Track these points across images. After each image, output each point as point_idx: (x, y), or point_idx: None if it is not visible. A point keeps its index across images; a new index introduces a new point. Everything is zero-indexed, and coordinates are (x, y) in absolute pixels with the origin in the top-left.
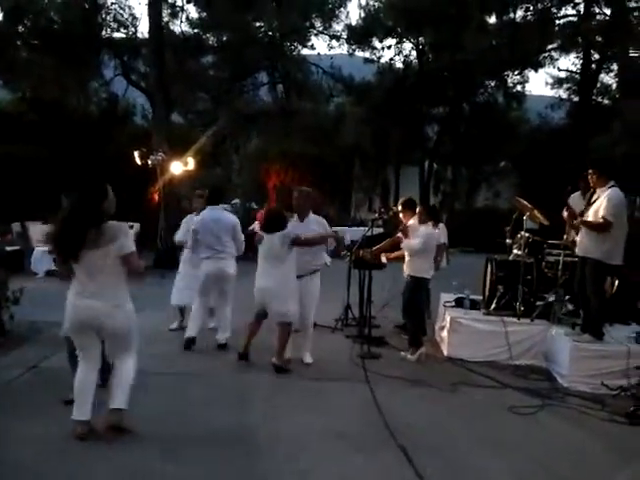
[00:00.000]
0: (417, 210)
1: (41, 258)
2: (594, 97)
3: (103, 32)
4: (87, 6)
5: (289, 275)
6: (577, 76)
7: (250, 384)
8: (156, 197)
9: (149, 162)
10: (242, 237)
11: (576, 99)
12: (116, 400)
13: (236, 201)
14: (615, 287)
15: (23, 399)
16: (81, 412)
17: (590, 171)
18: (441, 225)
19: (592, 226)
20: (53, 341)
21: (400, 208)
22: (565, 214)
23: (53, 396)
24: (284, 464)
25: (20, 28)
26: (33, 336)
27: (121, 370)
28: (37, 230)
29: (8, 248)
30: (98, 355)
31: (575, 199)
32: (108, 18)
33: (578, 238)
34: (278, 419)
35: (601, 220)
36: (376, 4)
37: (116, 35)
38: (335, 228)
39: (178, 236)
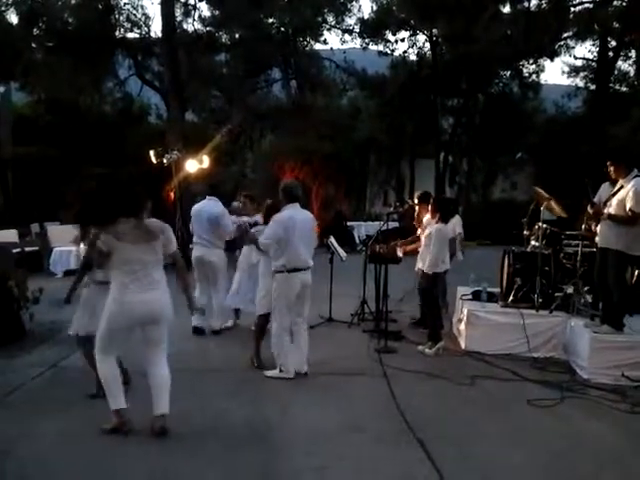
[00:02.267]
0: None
1: (60, 258)
2: (611, 85)
3: (117, 32)
4: (101, 7)
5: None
6: (594, 64)
7: (267, 381)
8: (172, 195)
9: (164, 161)
10: (227, 226)
11: (593, 87)
12: (159, 406)
13: (235, 203)
14: (635, 277)
15: (43, 397)
16: (118, 401)
17: (608, 163)
18: (456, 216)
19: (621, 220)
20: (72, 340)
21: (417, 202)
22: (591, 211)
23: (73, 394)
24: (302, 459)
25: (35, 31)
26: (53, 335)
27: (159, 374)
28: (55, 231)
29: (27, 248)
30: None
31: (605, 189)
32: (121, 18)
33: (598, 229)
34: (296, 414)
35: (629, 213)
36: None
37: (130, 35)
38: (350, 223)
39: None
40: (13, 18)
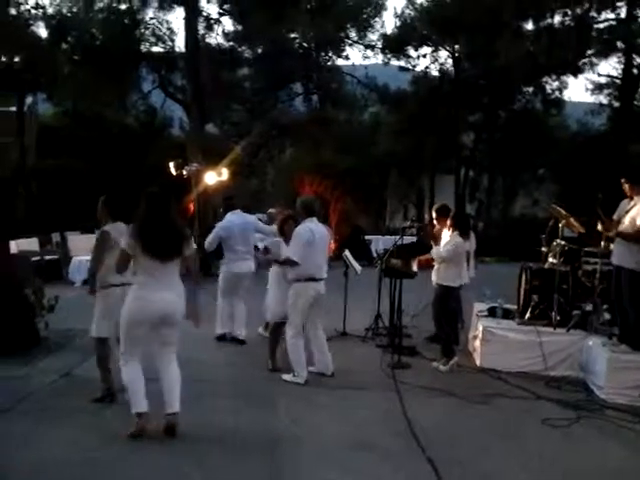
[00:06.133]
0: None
1: (79, 268)
2: (636, 102)
3: (142, 46)
4: (127, 22)
5: None
6: (618, 81)
7: (278, 392)
8: (191, 207)
9: (184, 172)
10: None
11: (617, 105)
12: (172, 405)
13: (271, 210)
14: None
15: (55, 405)
16: (140, 405)
17: (622, 180)
18: (471, 233)
19: (629, 237)
20: (86, 348)
21: (435, 215)
22: (600, 227)
23: (84, 402)
24: (308, 472)
25: (63, 44)
26: (67, 343)
27: (169, 373)
28: (75, 240)
29: (47, 257)
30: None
31: (624, 206)
32: (147, 33)
33: (613, 247)
34: (305, 428)
35: (637, 230)
36: (412, 13)
37: (154, 49)
38: (368, 237)
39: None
40: (42, 32)
